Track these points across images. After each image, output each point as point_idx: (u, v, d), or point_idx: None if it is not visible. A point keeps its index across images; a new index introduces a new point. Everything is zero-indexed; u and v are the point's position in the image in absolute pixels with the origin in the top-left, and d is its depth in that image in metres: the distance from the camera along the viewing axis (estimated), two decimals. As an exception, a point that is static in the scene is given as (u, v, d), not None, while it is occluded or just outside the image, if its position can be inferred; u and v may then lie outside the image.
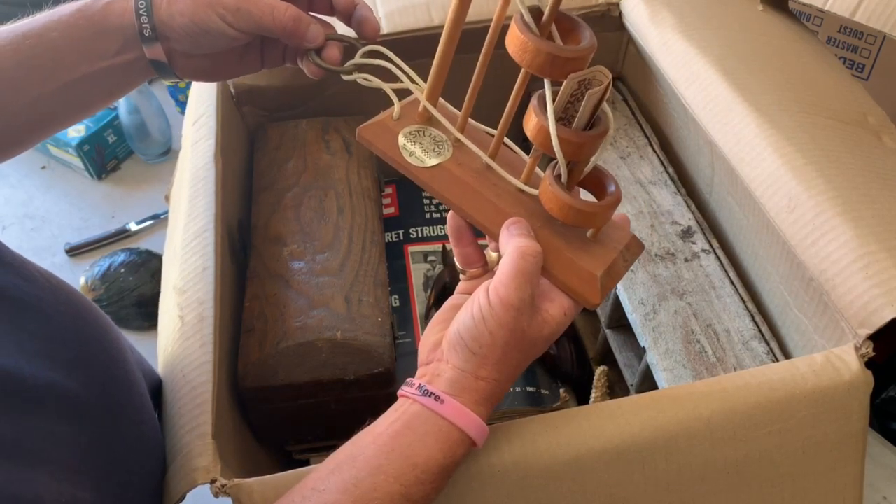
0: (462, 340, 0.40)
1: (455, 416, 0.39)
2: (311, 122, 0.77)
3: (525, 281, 0.39)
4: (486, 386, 0.40)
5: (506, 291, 0.39)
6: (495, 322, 0.39)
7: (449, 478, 0.40)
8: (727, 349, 0.58)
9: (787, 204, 0.52)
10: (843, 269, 0.47)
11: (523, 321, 0.40)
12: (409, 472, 0.38)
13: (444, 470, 0.39)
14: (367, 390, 0.59)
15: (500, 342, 0.39)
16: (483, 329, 0.39)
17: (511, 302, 0.39)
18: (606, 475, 0.43)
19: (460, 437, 0.39)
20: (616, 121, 0.78)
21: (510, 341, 0.40)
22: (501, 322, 0.39)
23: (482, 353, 0.40)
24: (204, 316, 0.52)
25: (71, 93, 0.48)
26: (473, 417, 0.39)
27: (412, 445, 0.38)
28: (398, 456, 0.38)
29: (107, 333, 0.47)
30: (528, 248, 0.40)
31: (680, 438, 0.43)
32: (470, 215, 0.44)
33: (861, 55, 0.89)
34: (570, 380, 0.72)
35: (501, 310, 0.39)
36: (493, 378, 0.40)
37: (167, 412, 0.50)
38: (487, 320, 0.39)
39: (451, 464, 0.39)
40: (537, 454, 0.43)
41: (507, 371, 0.40)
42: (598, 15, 0.77)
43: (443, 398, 0.39)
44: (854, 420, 0.45)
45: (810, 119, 0.57)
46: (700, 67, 0.63)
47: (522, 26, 0.39)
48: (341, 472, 0.38)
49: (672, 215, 0.68)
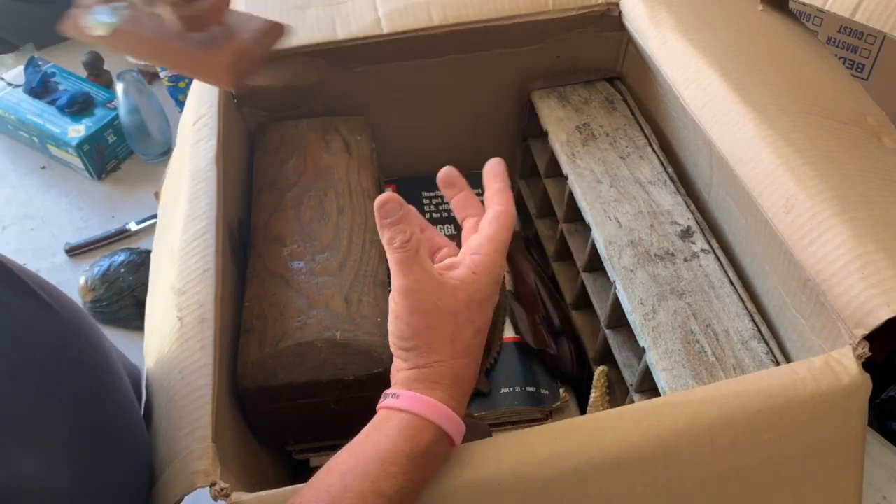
0: (394, 345, 0.43)
1: (410, 405, 0.41)
2: (311, 121, 0.77)
3: (410, 265, 0.42)
4: (432, 370, 0.42)
5: (398, 282, 0.42)
6: (405, 312, 0.42)
7: (423, 469, 0.40)
8: (726, 349, 0.58)
9: (784, 204, 0.52)
10: (839, 270, 0.47)
11: (431, 298, 0.42)
12: (378, 467, 0.39)
13: (412, 459, 0.39)
14: (366, 390, 0.59)
15: (419, 328, 0.42)
16: (400, 325, 0.42)
17: (407, 287, 0.41)
18: (608, 485, 0.43)
19: (421, 424, 0.40)
20: (615, 121, 0.78)
21: (428, 322, 0.41)
22: (409, 309, 0.41)
23: (412, 346, 0.42)
24: (204, 318, 0.52)
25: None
26: (428, 400, 0.41)
27: (378, 443, 0.40)
28: (367, 457, 0.39)
29: (91, 336, 0.48)
30: (401, 240, 0.42)
31: (681, 447, 0.43)
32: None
33: (861, 55, 0.89)
34: (569, 380, 0.72)
35: (403, 299, 0.42)
36: (435, 360, 0.42)
37: (162, 413, 0.49)
38: (399, 315, 0.42)
39: (419, 452, 0.40)
40: (538, 465, 0.43)
41: (445, 349, 0.42)
42: (597, 15, 0.77)
43: (399, 394, 0.41)
44: (852, 423, 0.45)
45: (809, 119, 0.57)
46: (699, 67, 0.63)
47: None
48: (317, 484, 0.39)
49: (671, 215, 0.68)
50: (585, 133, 0.77)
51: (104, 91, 1.16)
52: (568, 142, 0.76)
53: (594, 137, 0.76)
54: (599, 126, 0.78)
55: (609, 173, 0.72)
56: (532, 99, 0.82)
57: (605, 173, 0.72)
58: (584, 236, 0.74)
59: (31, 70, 1.18)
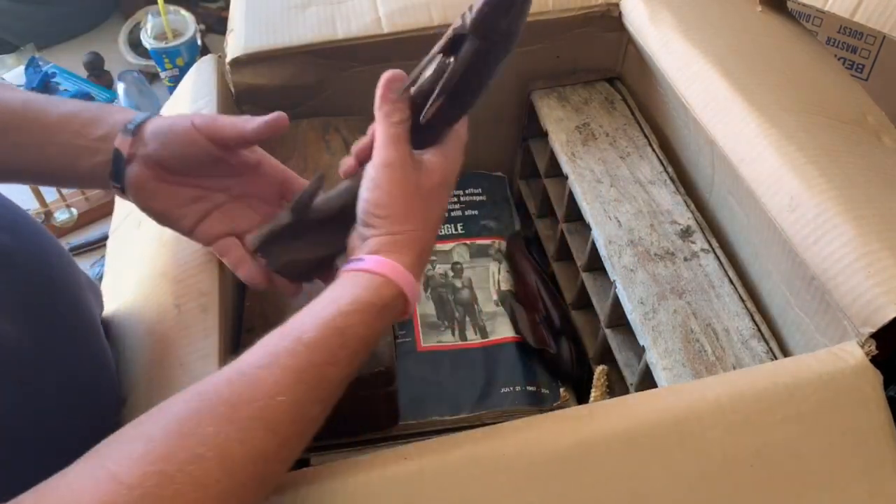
0: (369, 213, 0.45)
1: (375, 266, 0.43)
2: (311, 121, 0.77)
3: (401, 142, 0.45)
4: (403, 237, 0.45)
5: (384, 154, 0.45)
6: (387, 182, 0.45)
7: (380, 319, 0.42)
8: (726, 348, 0.58)
9: (788, 203, 0.52)
10: (845, 268, 0.47)
11: (412, 174, 0.45)
12: (333, 307, 0.41)
13: (371, 306, 0.42)
14: (367, 389, 0.59)
15: (398, 197, 0.45)
16: (380, 194, 0.45)
17: (391, 161, 0.45)
18: (621, 465, 0.43)
19: (382, 280, 0.43)
20: (615, 120, 0.78)
21: (407, 194, 0.45)
22: (391, 179, 0.45)
23: (388, 213, 0.45)
24: (207, 307, 0.52)
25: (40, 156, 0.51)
26: (393, 263, 0.43)
27: (337, 294, 0.42)
28: (325, 302, 0.42)
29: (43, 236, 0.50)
30: (399, 117, 0.46)
31: (691, 422, 0.43)
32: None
33: (861, 55, 0.90)
34: (569, 379, 0.72)
35: (387, 171, 0.45)
36: (408, 229, 0.45)
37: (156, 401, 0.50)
38: (381, 185, 0.45)
39: (379, 303, 0.42)
40: (541, 440, 0.43)
41: (417, 221, 0.45)
42: (598, 15, 0.78)
43: (363, 258, 0.44)
44: (872, 408, 0.45)
45: (810, 118, 0.57)
46: (700, 67, 0.64)
47: None
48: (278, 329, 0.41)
49: (671, 215, 0.68)
50: (585, 133, 0.77)
51: (105, 91, 1.16)
52: (568, 142, 0.76)
53: (594, 137, 0.76)
54: (599, 126, 0.78)
55: (609, 173, 0.72)
56: (532, 99, 0.82)
57: (605, 173, 0.72)
58: (584, 236, 0.74)
59: (32, 70, 1.18)
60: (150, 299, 0.56)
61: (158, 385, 0.50)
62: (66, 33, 1.40)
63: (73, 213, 1.06)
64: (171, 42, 1.14)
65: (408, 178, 0.45)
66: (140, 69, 1.26)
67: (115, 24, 1.38)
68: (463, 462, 0.42)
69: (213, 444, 0.35)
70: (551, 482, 0.42)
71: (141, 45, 1.19)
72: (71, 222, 1.05)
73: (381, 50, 0.75)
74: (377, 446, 0.63)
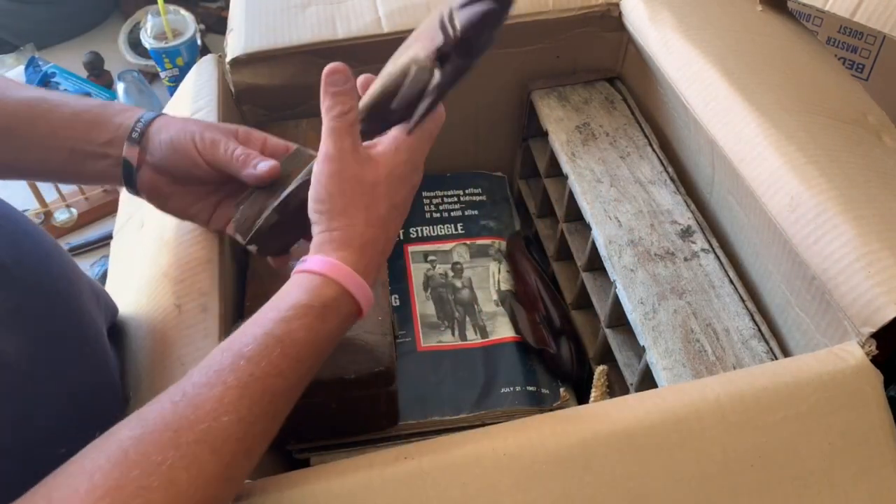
0: (311, 208, 0.45)
1: (313, 265, 0.43)
2: (311, 121, 0.77)
3: (341, 134, 0.44)
4: (340, 233, 0.44)
5: (325, 148, 0.44)
6: (324, 177, 0.44)
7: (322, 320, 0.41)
8: (727, 348, 0.58)
9: (788, 203, 0.52)
10: (845, 268, 0.47)
11: (351, 167, 0.44)
12: (272, 315, 0.40)
13: (310, 308, 0.41)
14: (367, 389, 0.58)
15: (336, 192, 0.44)
16: (319, 188, 0.44)
17: (331, 154, 0.44)
18: (621, 465, 0.43)
19: (322, 280, 0.42)
20: (616, 120, 0.78)
21: (345, 187, 0.44)
22: (330, 174, 0.44)
23: (327, 209, 0.44)
24: (207, 307, 0.52)
25: (46, 157, 0.53)
26: (330, 261, 0.43)
27: (276, 299, 0.42)
28: (266, 309, 0.41)
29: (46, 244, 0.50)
30: (340, 110, 0.44)
31: (691, 421, 0.43)
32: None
33: (861, 55, 0.90)
34: (569, 379, 0.72)
35: (327, 163, 0.44)
36: (346, 224, 0.44)
37: None
38: (319, 179, 0.44)
39: (318, 304, 0.41)
40: (542, 439, 0.43)
41: (356, 214, 0.44)
42: (598, 15, 0.77)
43: (305, 258, 0.44)
44: (873, 408, 0.44)
45: (811, 118, 0.57)
46: (700, 67, 0.64)
47: None
48: (228, 339, 0.41)
49: (671, 215, 0.68)
50: (585, 133, 0.77)
51: (105, 91, 1.16)
52: (568, 141, 0.76)
53: (594, 137, 0.76)
54: (599, 126, 0.78)
55: (609, 173, 0.72)
56: (532, 99, 0.82)
57: (605, 173, 0.72)
58: (584, 236, 0.74)
59: (32, 70, 1.18)
60: (152, 300, 0.56)
61: (159, 385, 0.50)
62: (66, 33, 1.40)
63: (73, 213, 1.06)
64: (171, 42, 1.14)
65: (346, 170, 0.44)
66: (140, 69, 1.26)
67: (115, 24, 1.38)
68: (463, 462, 0.42)
69: (159, 474, 0.34)
70: (551, 482, 0.42)
71: (141, 44, 1.19)
72: (71, 222, 1.05)
73: (381, 50, 0.74)
74: (377, 446, 0.63)
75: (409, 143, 0.46)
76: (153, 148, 0.53)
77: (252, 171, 0.52)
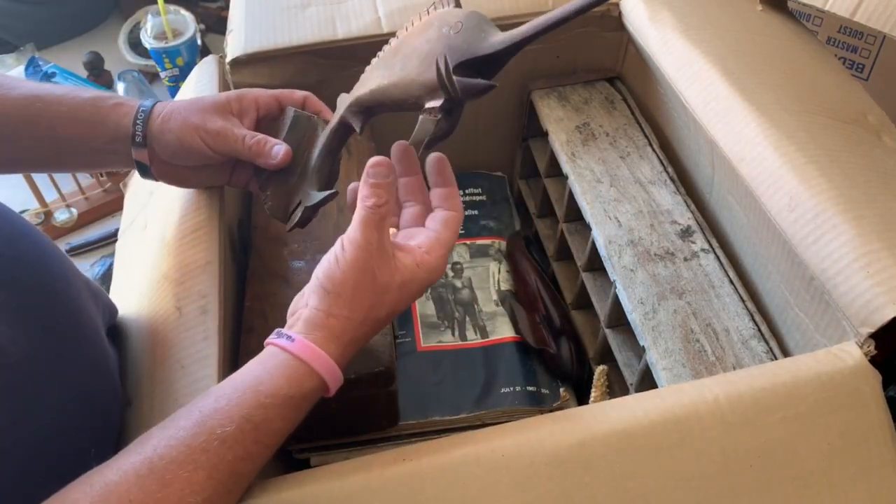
0: (318, 280, 0.44)
1: (303, 353, 0.42)
2: (311, 121, 0.77)
3: (370, 226, 0.44)
4: (338, 323, 0.43)
5: (353, 234, 0.44)
6: (344, 260, 0.44)
7: (297, 410, 0.42)
8: (726, 348, 0.58)
9: (787, 203, 0.52)
10: (844, 268, 0.47)
11: (372, 262, 0.44)
12: (252, 398, 0.40)
13: (290, 399, 0.41)
14: (367, 389, 0.59)
15: (350, 280, 0.43)
16: (335, 268, 0.44)
17: (358, 242, 0.44)
18: (619, 465, 0.43)
19: (306, 371, 0.42)
20: (615, 120, 0.78)
21: (360, 280, 0.43)
22: (349, 260, 0.43)
23: (335, 291, 0.44)
24: (207, 309, 0.52)
25: (56, 153, 0.55)
26: (321, 354, 0.42)
27: (259, 376, 0.41)
28: (245, 386, 0.41)
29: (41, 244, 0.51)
30: (375, 202, 0.44)
31: (691, 421, 0.43)
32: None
33: (861, 55, 0.90)
34: (569, 379, 0.72)
35: (350, 249, 0.44)
36: (345, 315, 0.43)
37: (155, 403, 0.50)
38: (339, 260, 0.44)
39: (299, 395, 0.41)
40: (541, 440, 0.43)
41: (359, 310, 0.44)
42: (597, 15, 0.77)
43: (294, 337, 0.43)
44: (872, 408, 0.44)
45: (810, 118, 0.57)
46: (700, 67, 0.64)
47: None
48: (194, 403, 0.40)
49: (671, 215, 0.68)
50: (585, 133, 0.77)
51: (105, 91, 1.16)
52: (568, 142, 0.76)
53: (594, 137, 0.76)
54: (599, 126, 0.78)
55: (609, 173, 0.72)
56: (532, 99, 0.82)
57: (605, 173, 0.72)
58: (584, 236, 0.74)
59: (32, 70, 1.18)
60: (153, 301, 0.56)
61: (160, 387, 0.50)
62: (66, 33, 1.40)
63: (73, 213, 1.06)
64: (171, 42, 1.14)
65: (367, 263, 0.44)
66: (140, 69, 1.26)
67: (115, 24, 1.38)
68: (463, 462, 0.42)
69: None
70: (551, 482, 0.42)
71: (141, 44, 1.19)
72: (71, 222, 1.05)
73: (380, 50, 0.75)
74: (377, 446, 0.63)
75: (430, 263, 0.47)
76: (161, 149, 0.55)
77: (269, 161, 0.55)
